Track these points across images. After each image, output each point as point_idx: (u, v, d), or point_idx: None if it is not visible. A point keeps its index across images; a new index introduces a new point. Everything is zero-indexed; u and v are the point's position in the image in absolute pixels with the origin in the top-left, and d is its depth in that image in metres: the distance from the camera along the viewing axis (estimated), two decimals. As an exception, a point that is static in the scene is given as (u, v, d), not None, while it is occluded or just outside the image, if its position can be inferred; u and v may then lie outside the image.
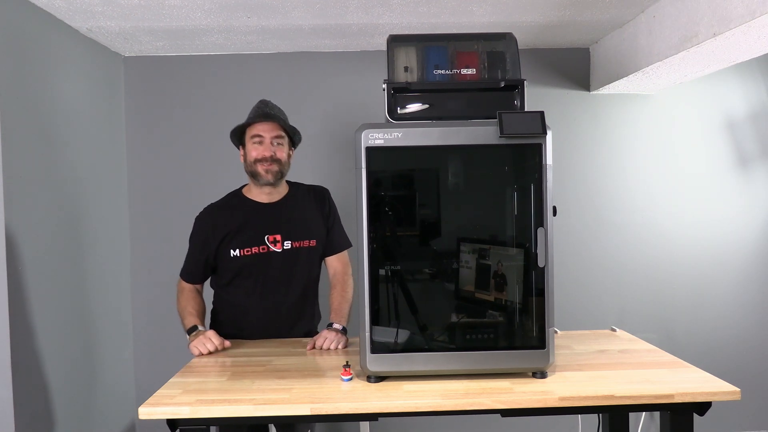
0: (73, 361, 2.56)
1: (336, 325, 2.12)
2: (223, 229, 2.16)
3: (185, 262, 2.26)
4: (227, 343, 2.07)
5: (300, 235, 2.21)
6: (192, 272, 2.24)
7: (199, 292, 2.26)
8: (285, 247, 2.18)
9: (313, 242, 2.23)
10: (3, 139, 2.09)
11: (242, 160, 2.22)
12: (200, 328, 2.10)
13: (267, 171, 2.14)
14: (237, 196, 2.26)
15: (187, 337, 2.09)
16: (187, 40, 2.90)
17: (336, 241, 2.31)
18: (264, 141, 2.14)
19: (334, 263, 2.31)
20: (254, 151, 2.15)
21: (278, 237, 2.17)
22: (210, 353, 2.01)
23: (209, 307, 2.32)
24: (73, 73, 2.65)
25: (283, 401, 1.57)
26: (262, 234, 2.16)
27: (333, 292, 2.27)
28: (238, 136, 2.23)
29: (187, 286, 2.24)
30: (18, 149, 2.20)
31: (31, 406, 2.23)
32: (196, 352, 2.01)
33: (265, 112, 2.15)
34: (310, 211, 2.27)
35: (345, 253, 2.34)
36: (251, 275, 2.17)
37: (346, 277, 2.28)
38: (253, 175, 2.17)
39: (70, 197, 2.60)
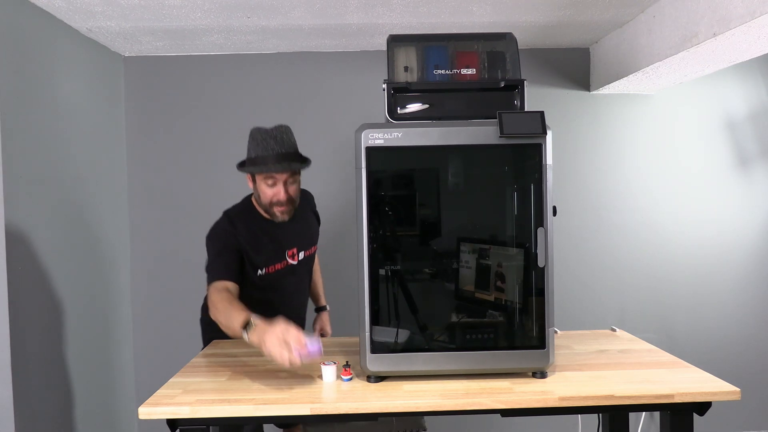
0: (73, 361, 2.56)
1: (327, 307, 2.57)
2: (245, 242, 2.08)
3: (215, 264, 2.02)
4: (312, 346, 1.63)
5: (307, 244, 2.27)
6: (230, 269, 1.99)
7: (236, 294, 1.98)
8: (300, 259, 2.23)
9: (314, 248, 2.34)
10: (3, 139, 2.09)
11: (251, 186, 2.14)
12: (253, 320, 1.69)
13: (283, 213, 2.09)
14: (249, 210, 2.16)
15: (245, 336, 1.68)
16: (187, 40, 2.90)
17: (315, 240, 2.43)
18: (277, 183, 2.04)
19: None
20: (269, 191, 2.06)
21: (295, 250, 2.20)
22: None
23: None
24: (73, 73, 2.65)
25: (283, 401, 1.57)
26: (283, 250, 2.17)
27: (314, 277, 2.50)
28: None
29: (221, 287, 1.93)
30: (18, 149, 2.20)
31: (31, 406, 2.23)
32: (279, 360, 1.59)
33: (278, 155, 2.01)
34: (309, 218, 2.35)
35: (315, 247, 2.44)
36: (274, 289, 2.19)
37: (317, 264, 2.52)
38: (268, 212, 2.12)
39: (71, 197, 2.60)
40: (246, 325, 1.68)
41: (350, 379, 1.72)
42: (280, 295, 2.22)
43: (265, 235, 2.13)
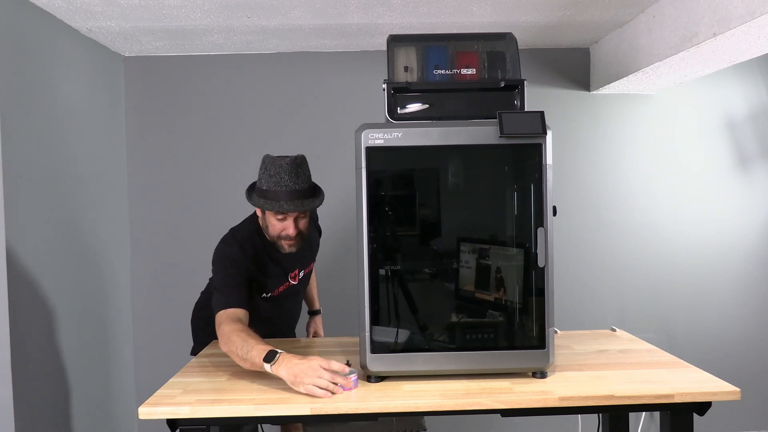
0: (73, 361, 2.56)
1: (320, 311, 2.62)
2: (253, 267, 2.03)
3: (227, 290, 1.91)
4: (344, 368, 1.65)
5: (308, 262, 2.25)
6: (243, 296, 1.91)
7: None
8: (300, 278, 2.22)
9: (313, 263, 2.32)
10: (3, 139, 2.09)
11: (259, 214, 2.05)
12: (280, 351, 1.67)
13: (290, 246, 1.99)
14: (258, 232, 2.06)
15: (267, 368, 1.65)
16: (187, 40, 2.90)
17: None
18: (288, 218, 1.94)
19: None
20: (277, 225, 1.96)
21: (297, 271, 2.18)
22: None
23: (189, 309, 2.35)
24: (73, 73, 2.65)
25: (283, 401, 1.57)
26: (287, 273, 2.16)
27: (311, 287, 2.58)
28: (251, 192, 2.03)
29: (233, 317, 1.84)
30: (18, 149, 2.20)
31: (31, 406, 2.23)
32: (321, 393, 1.58)
33: (291, 192, 1.89)
34: (310, 236, 2.22)
35: None
36: (274, 308, 2.18)
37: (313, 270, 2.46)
38: (275, 245, 2.03)
39: (70, 197, 2.59)
40: (268, 358, 1.65)
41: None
42: (278, 312, 2.23)
43: (270, 260, 2.08)
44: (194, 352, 2.28)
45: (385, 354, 1.69)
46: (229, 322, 1.81)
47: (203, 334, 2.28)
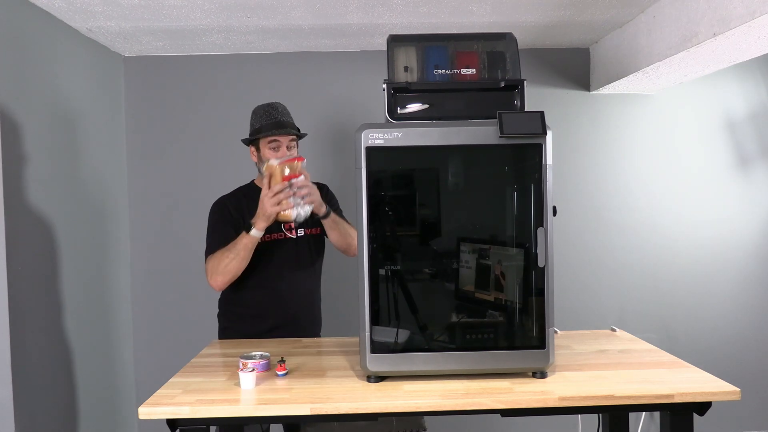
0: (73, 361, 2.56)
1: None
2: (239, 215, 2.21)
3: (211, 239, 2.21)
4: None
5: (310, 222, 2.28)
6: (228, 239, 2.15)
7: None
8: (299, 234, 2.29)
9: (317, 230, 2.34)
10: (3, 139, 2.09)
11: (254, 159, 2.29)
12: (250, 222, 2.05)
13: None
14: (250, 187, 2.32)
15: (253, 233, 2.05)
16: (187, 40, 2.90)
17: None
18: (281, 146, 2.21)
19: None
20: (273, 156, 2.19)
21: (293, 224, 2.26)
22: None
23: (214, 311, 2.36)
24: (73, 73, 2.65)
25: (283, 401, 1.57)
26: (280, 222, 2.19)
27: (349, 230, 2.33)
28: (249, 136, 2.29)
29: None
30: (18, 149, 2.20)
31: (31, 406, 2.23)
32: (285, 206, 2.00)
33: (279, 122, 2.23)
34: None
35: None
36: (271, 260, 2.24)
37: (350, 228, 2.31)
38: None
39: (70, 197, 2.59)
40: (247, 229, 2.05)
41: (285, 374, 1.74)
42: (277, 267, 2.25)
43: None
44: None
45: (385, 354, 1.68)
46: (212, 257, 2.15)
47: (227, 320, 2.36)
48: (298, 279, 2.31)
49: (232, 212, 2.23)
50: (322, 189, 2.39)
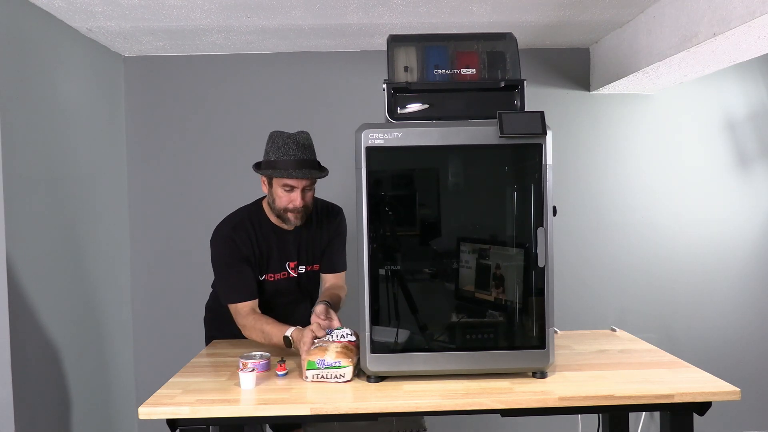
0: (73, 361, 2.56)
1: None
2: (250, 251, 2.08)
3: (228, 285, 2.07)
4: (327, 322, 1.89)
5: (311, 260, 2.22)
6: (249, 285, 2.05)
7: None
8: (300, 272, 2.20)
9: (317, 266, 2.26)
10: (3, 139, 2.09)
11: (264, 189, 2.09)
12: (291, 331, 1.89)
13: (296, 218, 2.04)
14: (257, 215, 2.13)
15: (291, 346, 1.89)
16: (187, 40, 2.90)
17: (333, 260, 2.27)
18: (295, 189, 1.99)
19: (330, 279, 2.30)
20: (284, 197, 2.01)
21: (295, 263, 2.17)
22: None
23: (201, 306, 2.33)
24: (73, 73, 2.65)
25: (283, 401, 1.57)
26: (283, 261, 2.16)
27: (326, 291, 2.26)
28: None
29: (247, 308, 2.03)
30: (18, 149, 2.20)
31: (31, 406, 2.23)
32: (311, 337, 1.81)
33: (300, 161, 1.97)
34: (320, 233, 2.23)
35: (342, 274, 2.32)
36: (272, 297, 2.18)
37: (340, 290, 2.26)
38: (281, 217, 2.07)
39: (70, 197, 2.59)
40: (287, 344, 1.90)
41: (285, 374, 1.74)
42: (276, 303, 2.19)
43: (269, 243, 2.10)
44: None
45: (385, 354, 1.69)
46: (243, 317, 2.02)
47: (212, 328, 2.31)
48: (295, 309, 2.27)
49: (241, 247, 2.05)
50: (337, 215, 2.28)
